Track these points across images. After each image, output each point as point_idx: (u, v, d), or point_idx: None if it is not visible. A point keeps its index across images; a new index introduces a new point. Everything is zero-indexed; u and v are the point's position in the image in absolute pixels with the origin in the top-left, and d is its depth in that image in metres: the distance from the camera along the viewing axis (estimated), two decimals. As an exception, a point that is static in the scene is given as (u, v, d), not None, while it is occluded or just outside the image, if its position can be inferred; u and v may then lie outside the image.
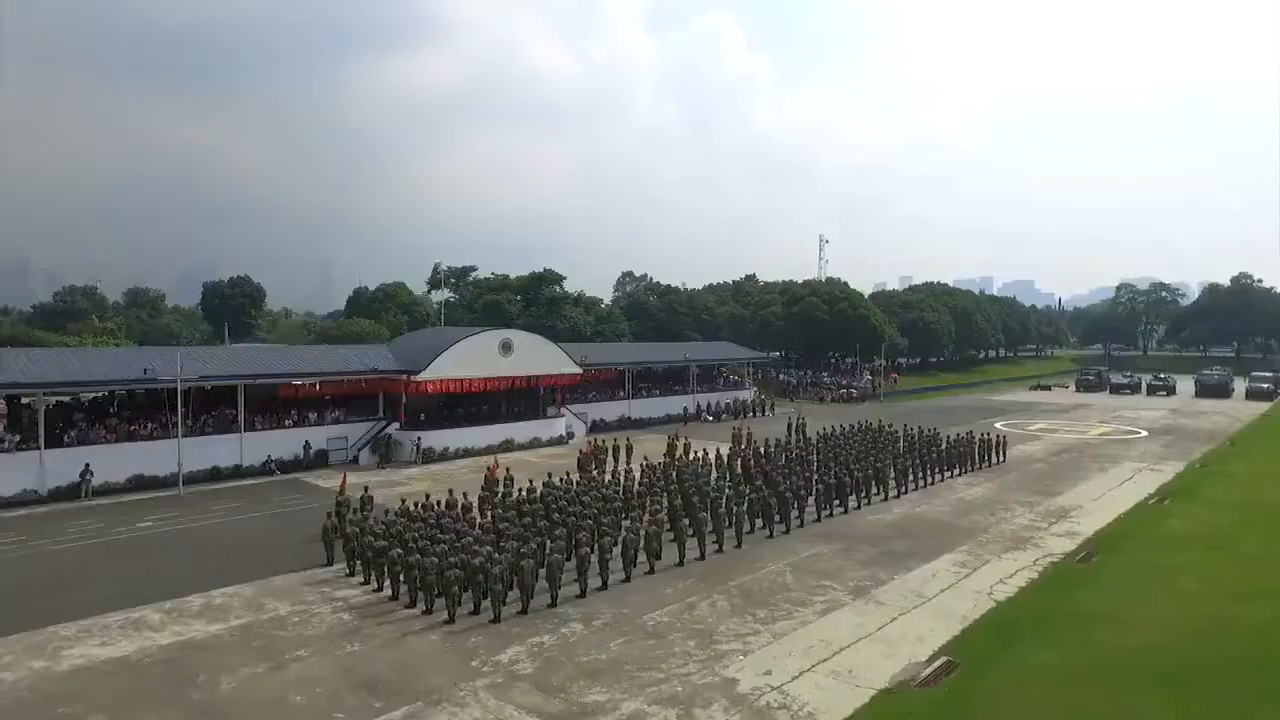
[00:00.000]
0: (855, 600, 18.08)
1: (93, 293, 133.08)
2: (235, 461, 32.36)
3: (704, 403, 55.45)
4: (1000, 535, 23.95)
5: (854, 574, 20.03)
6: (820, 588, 18.93)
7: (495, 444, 39.17)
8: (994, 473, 34.76)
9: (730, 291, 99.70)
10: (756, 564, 20.88)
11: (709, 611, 17.30)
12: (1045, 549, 22.42)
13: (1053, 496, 29.60)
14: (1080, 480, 32.95)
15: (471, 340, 38.85)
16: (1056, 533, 24.23)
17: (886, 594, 18.47)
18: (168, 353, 30.83)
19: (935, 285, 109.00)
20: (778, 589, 18.83)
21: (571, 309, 72.49)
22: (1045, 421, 55.42)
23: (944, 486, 31.67)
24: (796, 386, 74.02)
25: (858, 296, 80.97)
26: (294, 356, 38.06)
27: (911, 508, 27.80)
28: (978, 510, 27.31)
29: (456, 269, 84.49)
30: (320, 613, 17.26)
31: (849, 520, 25.87)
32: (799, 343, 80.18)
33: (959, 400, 72.94)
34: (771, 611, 17.27)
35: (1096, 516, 26.33)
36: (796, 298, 79.62)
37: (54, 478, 27.90)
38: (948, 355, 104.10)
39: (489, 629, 16.32)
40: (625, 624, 16.58)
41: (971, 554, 21.85)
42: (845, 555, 21.75)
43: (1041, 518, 26.23)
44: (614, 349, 56.68)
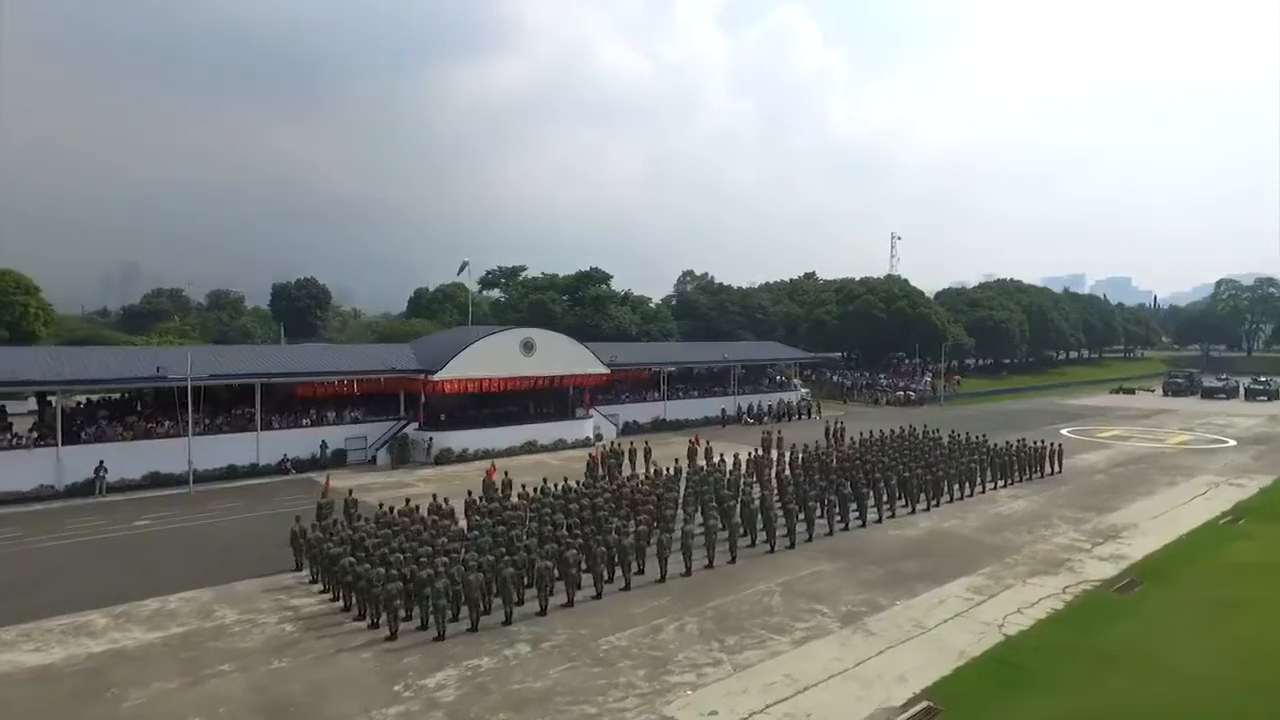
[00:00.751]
0: (842, 629, 16.16)
1: (179, 295, 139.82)
2: (251, 460, 32.44)
3: (745, 405, 53.37)
4: (1032, 556, 21.42)
5: (850, 597, 18.05)
6: (807, 612, 17.06)
7: (517, 445, 38.36)
8: (1045, 484, 31.75)
9: (787, 290, 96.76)
10: (745, 583, 19.13)
11: (673, 636, 15.71)
12: (1081, 574, 19.84)
13: (1105, 513, 26.61)
14: (1143, 495, 29.66)
15: (491, 339, 38.10)
16: (1099, 555, 21.52)
17: (880, 622, 16.46)
18: (179, 352, 31.12)
19: (1007, 282, 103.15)
20: (759, 612, 17.06)
21: (617, 308, 71.36)
22: (1119, 428, 51.09)
23: (983, 499, 29.00)
24: (851, 388, 70.88)
25: (918, 294, 77.05)
26: (310, 356, 38.12)
27: (939, 522, 25.40)
28: (1014, 527, 24.70)
29: (506, 268, 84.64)
30: (265, 623, 16.49)
31: (865, 535, 23.73)
32: (854, 343, 76.92)
33: (1027, 404, 68.39)
34: (743, 639, 15.55)
35: (1151, 537, 23.38)
36: (852, 296, 76.33)
37: (71, 474, 28.42)
38: (1021, 356, 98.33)
39: (429, 647, 15.17)
40: (576, 647, 15.16)
41: (992, 578, 19.50)
42: (847, 575, 19.74)
43: (1086, 537, 23.46)
44: (649, 349, 55.22)
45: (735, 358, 54.50)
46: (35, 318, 68.55)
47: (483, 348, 37.39)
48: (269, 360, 34.69)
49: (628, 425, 46.06)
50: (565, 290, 73.40)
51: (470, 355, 36.75)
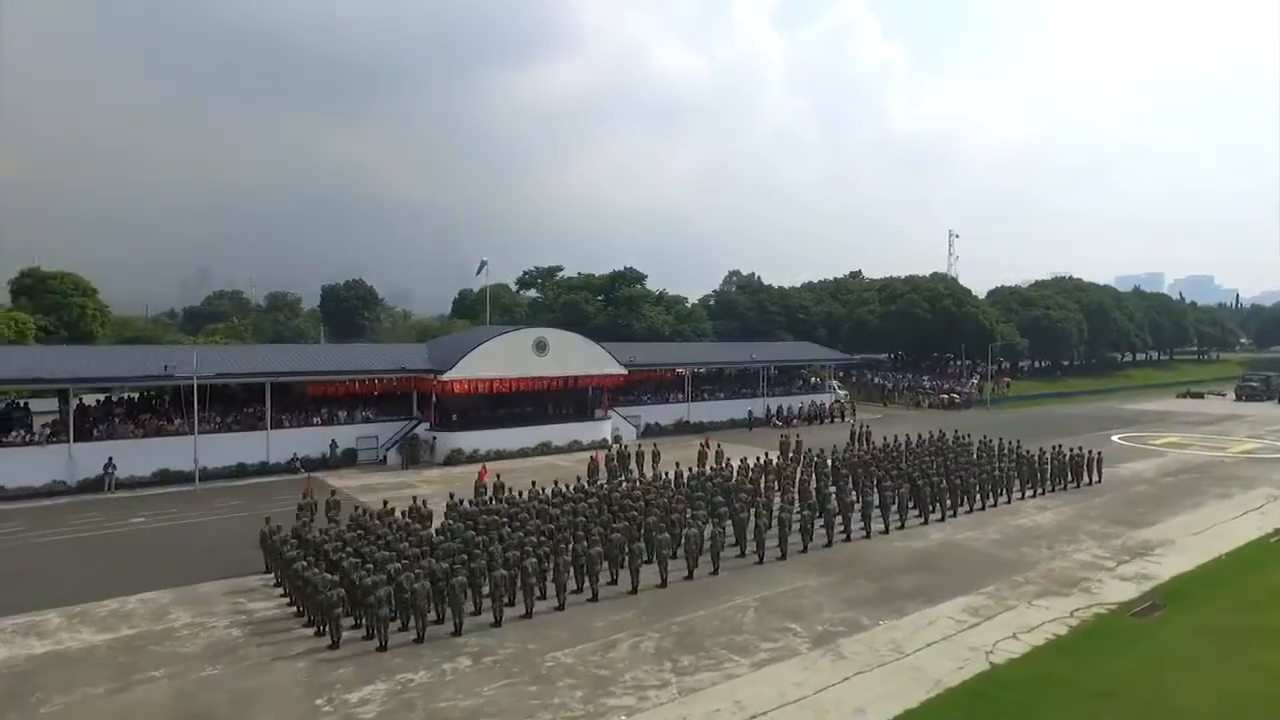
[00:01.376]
0: (813, 650, 14.91)
1: (239, 297, 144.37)
2: (261, 459, 32.66)
3: (775, 406, 51.81)
4: (1046, 574, 19.68)
5: (831, 615, 16.76)
6: (779, 631, 15.86)
7: (531, 447, 37.82)
8: (1079, 495, 29.58)
9: (830, 289, 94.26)
10: (722, 596, 18.00)
11: (626, 654, 14.73)
12: (1097, 595, 18.08)
13: (1140, 527, 24.49)
14: (1188, 508, 27.30)
15: (502, 339, 37.64)
16: (1122, 575, 19.64)
17: (856, 645, 15.15)
18: (186, 351, 31.50)
19: (1065, 280, 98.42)
20: (726, 630, 15.93)
21: (651, 308, 70.46)
22: (1179, 434, 47.78)
23: (1007, 509, 27.12)
24: (892, 390, 68.42)
25: (964, 292, 73.92)
26: (320, 355, 38.30)
27: (953, 533, 23.73)
28: (1034, 541, 22.88)
29: (543, 269, 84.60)
30: (215, 626, 16.13)
31: (868, 546, 22.28)
32: (896, 343, 74.32)
33: (1081, 409, 64.83)
34: (699, 659, 14.47)
35: (1186, 555, 21.31)
36: (895, 294, 73.71)
37: (82, 470, 28.99)
38: (1079, 358, 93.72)
39: (368, 659, 14.54)
40: (520, 663, 14.32)
41: (994, 597, 17.92)
42: (835, 590, 18.42)
43: (1112, 554, 21.53)
44: (672, 349, 54.08)
45: (764, 358, 53.01)
46: (93, 318, 71.21)
47: (493, 348, 36.95)
48: (277, 359, 34.92)
49: (649, 427, 45.11)
50: (599, 290, 72.86)
51: (480, 355, 36.35)
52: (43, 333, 62.42)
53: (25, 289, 70.05)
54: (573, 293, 71.38)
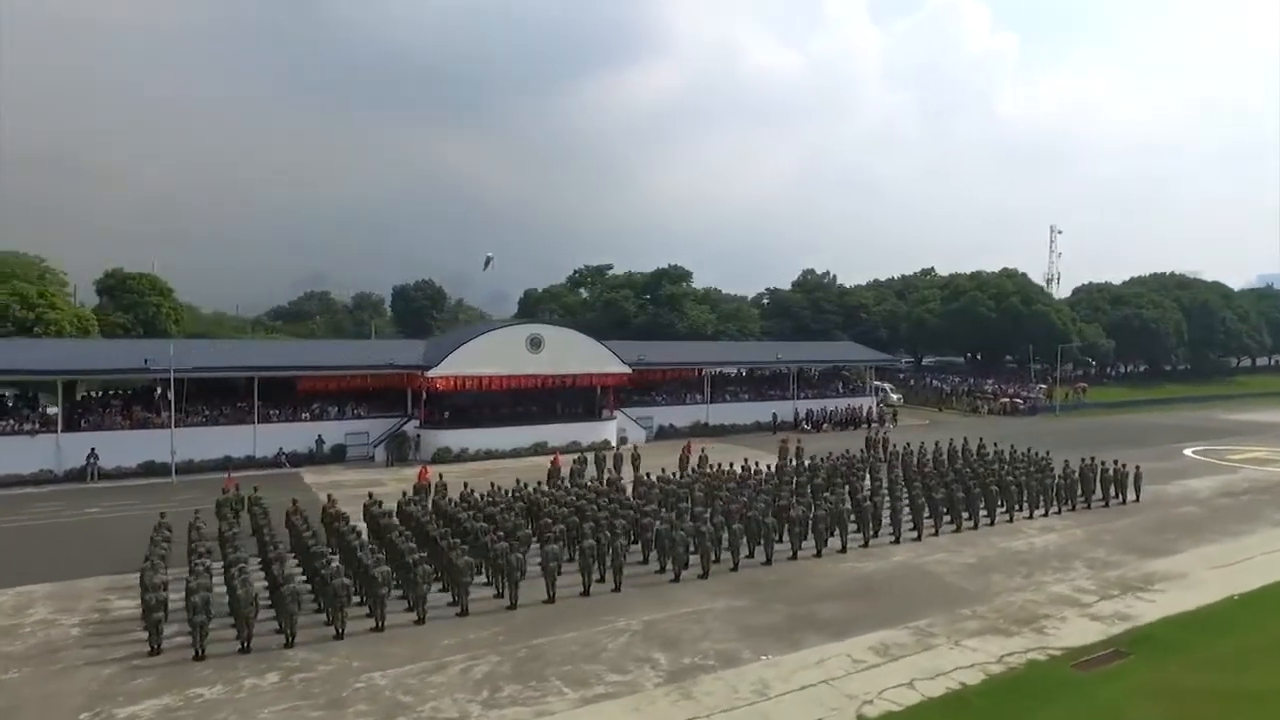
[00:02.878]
0: (661, 687, 12.95)
1: (326, 296, 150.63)
2: (248, 452, 32.88)
3: (807, 409, 48.83)
4: (1001, 608, 16.84)
5: (712, 646, 14.68)
6: (640, 662, 13.94)
7: (525, 446, 36.69)
8: (1105, 514, 25.93)
9: (898, 287, 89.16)
10: (606, 617, 16.18)
11: (450, 679, 13.19)
12: (1050, 637, 15.22)
13: (1155, 556, 20.96)
14: (1229, 535, 23.34)
15: (492, 335, 36.70)
16: (1097, 613, 16.57)
17: (715, 684, 13.07)
18: (166, 344, 31.98)
19: (1166, 276, 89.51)
20: (582, 657, 14.14)
21: (695, 306, 68.30)
22: (1268, 449, 41.93)
23: (1008, 529, 23.93)
24: (950, 394, 63.72)
25: (1035, 290, 68.05)
26: (308, 350, 38.40)
27: (924, 554, 20.96)
28: (1014, 567, 19.86)
29: (593, 267, 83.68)
30: (62, 624, 15.62)
31: (812, 566, 19.87)
32: (956, 343, 69.31)
33: (1168, 418, 58.30)
34: (524, 690, 12.78)
35: (1192, 593, 17.89)
36: (958, 291, 68.69)
37: (70, 460, 29.86)
38: (1181, 361, 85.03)
39: (179, 668, 13.57)
40: (329, 682, 13.03)
41: (920, 633, 15.34)
42: (737, 616, 16.27)
43: (1100, 586, 18.34)
44: (689, 348, 51.63)
45: (796, 358, 50.06)
46: (167, 316, 75.41)
47: (482, 344, 36.04)
48: (261, 354, 35.18)
49: (663, 429, 43.23)
50: (643, 289, 71.25)
51: (468, 351, 35.51)
52: (121, 330, 66.23)
53: (108, 289, 74.62)
54: (613, 291, 70.07)
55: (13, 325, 50.09)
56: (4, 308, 50.85)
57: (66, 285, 78.54)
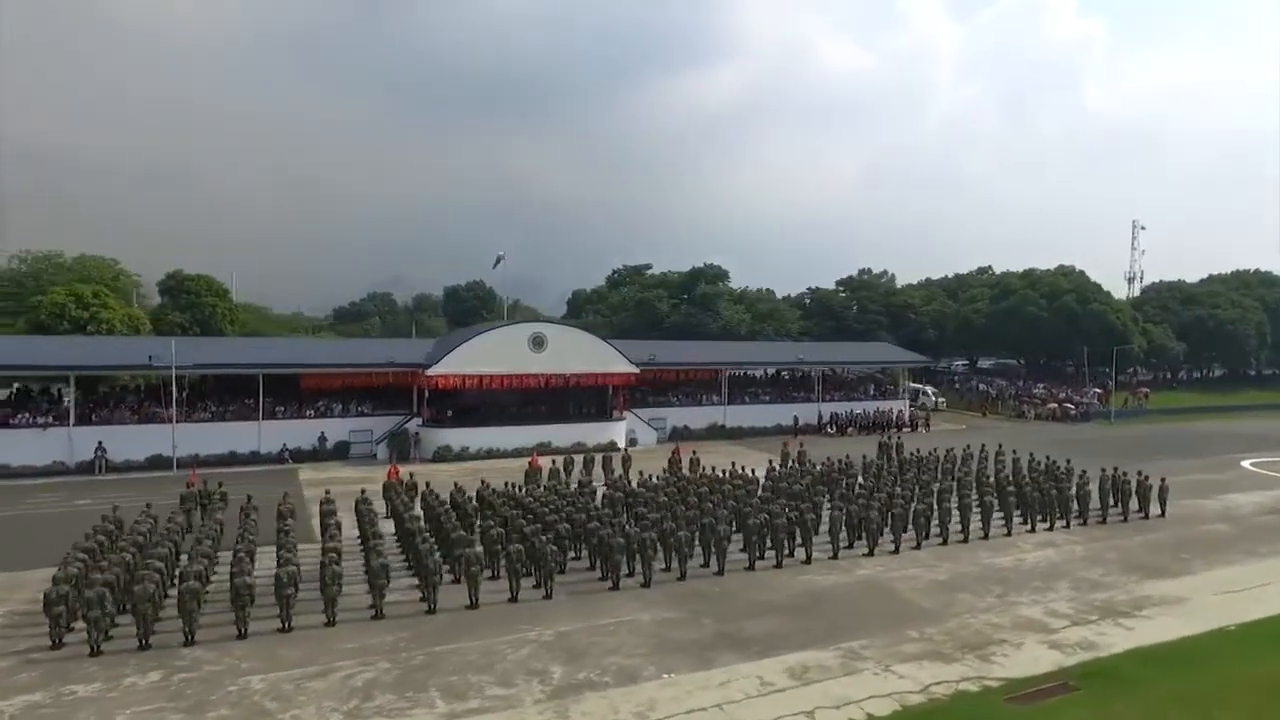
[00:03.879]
0: (537, 704, 12.18)
1: (388, 298, 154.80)
2: (253, 448, 33.54)
3: (831, 412, 47.03)
4: (954, 631, 15.41)
5: (618, 661, 13.83)
6: (531, 676, 13.20)
7: (527, 446, 36.26)
8: (1119, 530, 23.85)
9: (952, 286, 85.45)
10: (521, 625, 15.49)
11: (331, 685, 12.73)
12: (995, 665, 13.78)
13: (1158, 578, 19.00)
14: (1255, 557, 21.06)
15: (494, 334, 36.47)
16: (1062, 640, 14.97)
17: (597, 704, 12.22)
18: (170, 342, 32.82)
19: (1250, 274, 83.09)
20: (475, 668, 13.48)
21: (730, 306, 66.94)
22: (1339, 461, 38.13)
23: (1003, 543, 22.17)
24: (995, 398, 60.53)
25: (1093, 288, 63.88)
26: (312, 349, 38.88)
27: (893, 569, 19.53)
28: (989, 584, 18.27)
29: (632, 267, 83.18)
30: (-17, 615, 15.90)
31: (764, 578, 18.71)
32: (1004, 344, 65.81)
33: (1238, 426, 53.85)
34: (396, 701, 12.22)
35: (1181, 621, 16.04)
36: (1007, 290, 65.21)
37: (81, 452, 31.00)
38: (1264, 365, 78.77)
39: (70, 664, 13.53)
40: (205, 684, 12.75)
41: (849, 656, 14.10)
42: (662, 629, 15.35)
43: (1078, 610, 16.64)
44: (706, 348, 50.27)
45: (819, 359, 48.25)
46: (223, 317, 78.45)
47: (483, 343, 35.86)
48: (267, 352, 35.83)
49: (677, 430, 42.26)
50: (679, 288, 70.30)
51: (468, 350, 35.38)
52: (179, 329, 69.22)
53: (169, 289, 78.13)
54: (647, 291, 69.34)
55: (69, 324, 52.88)
56: (61, 307, 53.61)
57: (139, 286, 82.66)
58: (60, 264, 75.40)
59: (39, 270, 72.87)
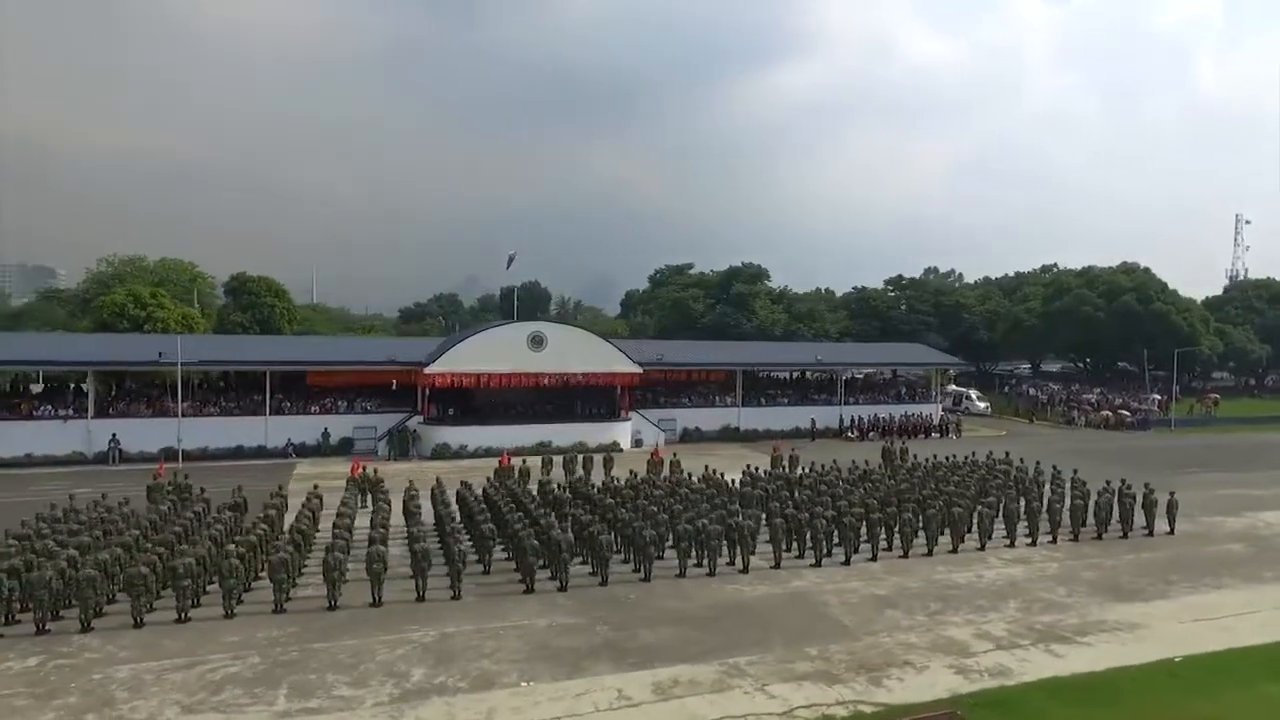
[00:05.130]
0: (376, 707, 11.94)
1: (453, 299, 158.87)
2: (259, 442, 34.68)
3: (853, 415, 45.29)
4: (860, 650, 14.39)
5: (485, 666, 13.48)
6: (388, 677, 12.97)
7: (528, 445, 36.26)
8: (1112, 547, 22.02)
9: (1010, 285, 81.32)
10: (411, 625, 15.31)
11: (188, 678, 12.78)
12: (888, 689, 12.77)
13: (1128, 601, 17.37)
14: (1254, 582, 19.07)
15: (492, 333, 36.62)
16: (976, 665, 13.77)
17: (436, 710, 11.89)
18: (176, 340, 34.19)
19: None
20: (340, 666, 13.35)
21: (765, 305, 65.50)
22: None
23: (973, 556, 20.74)
24: (1046, 404, 57.10)
25: (1157, 287, 59.43)
26: (317, 346, 39.79)
27: (830, 582, 18.49)
28: (922, 603, 17.03)
29: (673, 267, 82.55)
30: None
31: (693, 587, 17.98)
32: (1056, 346, 62.06)
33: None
34: (245, 695, 12.24)
35: (1126, 650, 14.56)
36: (1062, 289, 61.43)
37: (98, 444, 32.68)
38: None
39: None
40: (75, 670, 13.03)
41: (734, 670, 13.34)
42: (549, 635, 14.91)
43: (1013, 633, 15.31)
44: (719, 348, 49.02)
45: (842, 360, 46.51)
46: (281, 316, 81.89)
47: (481, 341, 36.05)
48: (273, 350, 36.92)
49: (688, 432, 41.53)
50: (717, 287, 69.29)
51: (466, 349, 35.63)
52: (240, 328, 72.65)
53: (232, 290, 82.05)
54: (681, 290, 68.63)
55: (128, 322, 56.16)
56: (121, 306, 57.08)
57: (214, 287, 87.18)
58: (144, 267, 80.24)
59: (124, 273, 77.78)
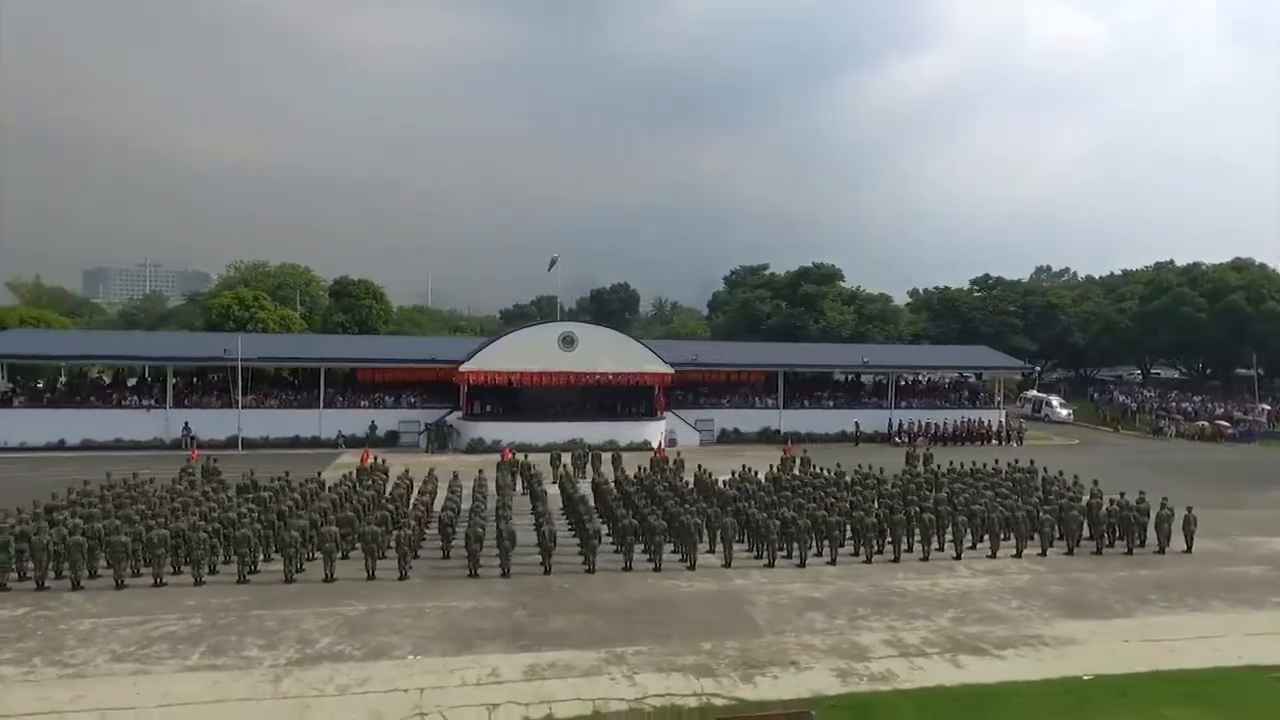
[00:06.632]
0: (266, 668, 13.13)
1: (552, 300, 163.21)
2: (314, 433, 37.62)
3: (902, 420, 43.74)
4: (755, 647, 14.42)
5: (385, 640, 14.51)
6: (297, 644, 14.20)
7: (558, 442, 37.37)
8: (1105, 562, 20.69)
9: (1117, 283, 75.33)
10: (349, 600, 16.57)
11: (124, 635, 14.30)
12: (755, 686, 12.85)
13: (1083, 617, 16.42)
14: (1242, 605, 17.53)
15: (525, 333, 38.01)
16: (865, 670, 13.54)
17: (315, 674, 12.96)
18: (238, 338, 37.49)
19: None
20: (262, 632, 14.71)
21: (833, 306, 63.98)
22: None
23: (942, 565, 20.04)
24: (1135, 412, 52.82)
25: (1275, 284, 53.57)
26: (367, 345, 42.30)
27: (770, 582, 18.45)
28: (850, 608, 16.72)
29: (748, 267, 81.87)
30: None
31: (631, 580, 18.39)
32: (1152, 350, 57.11)
33: None
34: (159, 650, 13.76)
35: (1037, 665, 13.89)
36: (1161, 288, 56.55)
37: (174, 431, 36.49)
38: None
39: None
40: (50, 621, 15.02)
41: (616, 659, 13.75)
42: (466, 616, 15.80)
43: (925, 641, 14.86)
44: (760, 349, 48.22)
45: (892, 363, 44.94)
46: (378, 317, 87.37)
47: (513, 341, 37.53)
48: (326, 348, 39.75)
49: (725, 433, 41.51)
50: (786, 288, 68.32)
51: (499, 348, 37.20)
52: (339, 328, 78.29)
53: (335, 293, 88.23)
54: (749, 291, 68.10)
55: (233, 323, 61.84)
56: (226, 308, 62.95)
57: (324, 291, 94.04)
58: (265, 272, 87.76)
59: (247, 277, 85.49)
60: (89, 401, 37.21)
